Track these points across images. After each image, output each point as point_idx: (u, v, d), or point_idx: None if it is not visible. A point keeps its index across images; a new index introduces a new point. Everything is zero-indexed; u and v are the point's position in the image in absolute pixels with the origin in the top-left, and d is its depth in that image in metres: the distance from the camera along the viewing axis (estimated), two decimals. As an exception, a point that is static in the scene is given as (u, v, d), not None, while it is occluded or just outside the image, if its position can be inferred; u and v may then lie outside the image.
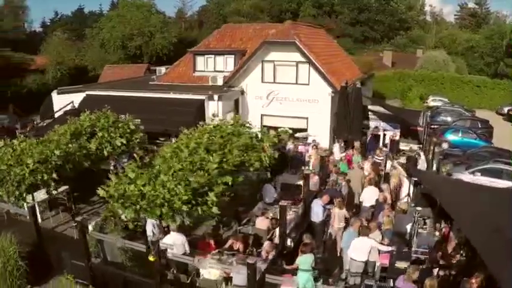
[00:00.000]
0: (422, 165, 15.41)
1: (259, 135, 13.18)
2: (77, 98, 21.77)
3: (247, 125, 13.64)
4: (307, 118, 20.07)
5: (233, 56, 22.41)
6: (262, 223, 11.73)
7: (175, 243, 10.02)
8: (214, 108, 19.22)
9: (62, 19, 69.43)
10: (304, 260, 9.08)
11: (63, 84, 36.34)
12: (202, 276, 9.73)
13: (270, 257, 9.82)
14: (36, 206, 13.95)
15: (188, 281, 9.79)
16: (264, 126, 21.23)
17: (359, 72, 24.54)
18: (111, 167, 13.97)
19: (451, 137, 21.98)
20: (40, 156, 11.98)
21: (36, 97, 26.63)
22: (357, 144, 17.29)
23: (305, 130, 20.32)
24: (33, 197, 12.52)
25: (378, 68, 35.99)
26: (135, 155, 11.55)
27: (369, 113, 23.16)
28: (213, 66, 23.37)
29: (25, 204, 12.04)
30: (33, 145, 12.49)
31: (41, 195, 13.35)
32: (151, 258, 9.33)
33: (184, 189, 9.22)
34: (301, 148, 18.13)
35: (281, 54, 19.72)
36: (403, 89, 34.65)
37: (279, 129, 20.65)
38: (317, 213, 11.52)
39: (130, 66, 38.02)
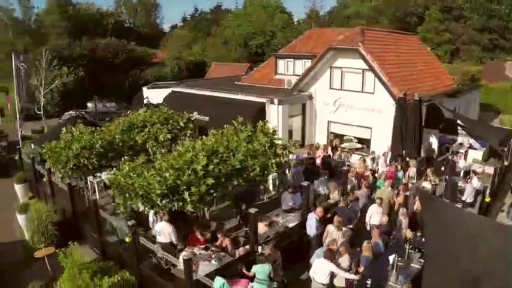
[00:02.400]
0: (469, 191, 13.63)
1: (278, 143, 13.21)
2: (165, 94, 24.23)
3: (271, 131, 13.73)
4: (371, 128, 19.20)
5: (310, 60, 22.41)
6: (260, 227, 11.95)
7: (162, 231, 11.01)
8: (274, 111, 19.63)
9: (200, 15, 74.76)
10: (260, 269, 9.19)
11: (180, 77, 40.10)
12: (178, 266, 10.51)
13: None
14: (95, 184, 16.43)
15: (166, 268, 10.66)
16: (331, 133, 20.99)
17: (449, 83, 22.27)
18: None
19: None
20: (87, 143, 13.91)
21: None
22: (412, 162, 16.05)
23: (368, 140, 19.49)
24: (81, 177, 14.63)
25: (497, 79, 31.59)
26: (150, 150, 12.74)
27: (458, 127, 21.19)
28: (293, 70, 23.78)
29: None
30: (86, 133, 14.47)
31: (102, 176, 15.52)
32: (127, 240, 10.47)
33: (160, 184, 10.02)
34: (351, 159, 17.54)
35: (348, 61, 19.20)
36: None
37: (344, 137, 20.46)
38: (310, 226, 11.28)
39: (234, 65, 40.17)
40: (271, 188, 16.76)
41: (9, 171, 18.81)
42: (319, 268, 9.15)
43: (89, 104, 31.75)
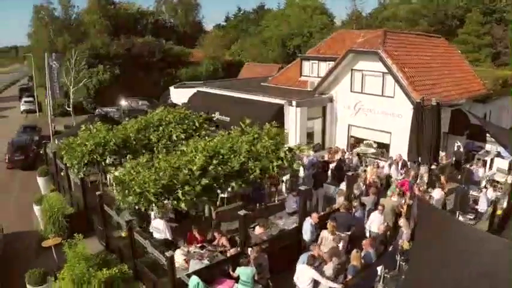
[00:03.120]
0: (483, 201, 13.03)
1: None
2: (190, 93, 24.71)
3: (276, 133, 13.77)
4: (390, 133, 18.76)
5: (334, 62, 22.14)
6: (258, 230, 12.05)
7: (158, 228, 11.36)
8: (292, 113, 19.56)
9: (242, 15, 74.75)
10: (243, 272, 9.26)
11: (215, 77, 40.60)
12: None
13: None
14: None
15: (161, 263, 10.95)
16: (352, 136, 20.66)
17: (479, 88, 21.32)
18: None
19: None
20: (101, 140, 14.46)
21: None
22: (423, 169, 15.57)
23: (388, 146, 19.05)
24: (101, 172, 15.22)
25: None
26: (155, 149, 13.10)
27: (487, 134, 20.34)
28: (317, 72, 23.58)
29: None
30: (102, 131, 15.02)
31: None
32: (123, 234, 10.83)
33: (155, 183, 10.31)
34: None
35: (369, 64, 18.82)
36: None
37: (364, 142, 20.08)
38: (305, 231, 11.21)
39: (266, 65, 40.18)
40: (284, 190, 16.74)
41: (37, 165, 19.84)
42: (302, 274, 9.10)
43: (122, 102, 32.81)
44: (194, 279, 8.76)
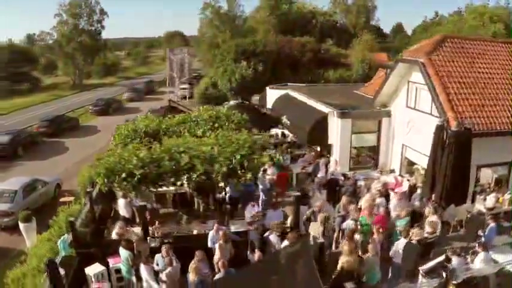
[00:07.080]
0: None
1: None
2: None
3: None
4: (434, 160, 16.29)
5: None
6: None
7: (120, 205, 13.86)
8: (334, 124, 18.91)
9: (439, 19, 68.52)
10: (122, 253, 11.15)
11: (364, 81, 39.71)
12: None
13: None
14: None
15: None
16: (406, 158, 18.60)
17: None
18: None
19: None
20: (135, 127, 17.50)
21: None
22: (427, 210, 13.48)
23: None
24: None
25: None
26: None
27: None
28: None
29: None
30: (147, 119, 18.03)
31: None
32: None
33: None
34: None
35: (421, 76, 16.56)
36: None
37: (414, 167, 17.90)
38: (209, 238, 11.85)
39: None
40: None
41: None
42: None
43: (253, 97, 35.97)
44: (60, 239, 11.40)
